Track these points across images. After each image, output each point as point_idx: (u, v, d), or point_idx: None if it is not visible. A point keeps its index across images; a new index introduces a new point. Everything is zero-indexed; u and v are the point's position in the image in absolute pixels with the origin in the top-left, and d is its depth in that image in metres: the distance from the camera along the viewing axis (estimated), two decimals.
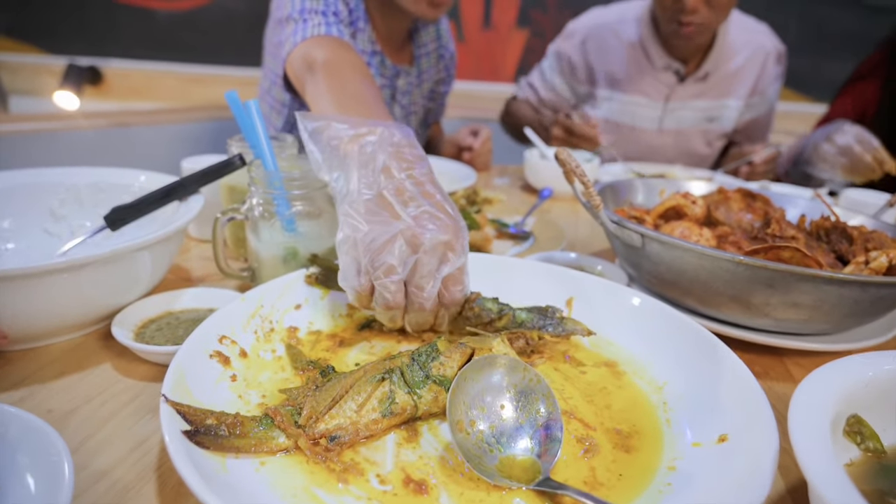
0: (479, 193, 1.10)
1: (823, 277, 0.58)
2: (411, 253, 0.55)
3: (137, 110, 2.23)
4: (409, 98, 1.52)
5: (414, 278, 0.56)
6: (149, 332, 0.61)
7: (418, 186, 0.58)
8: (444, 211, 0.57)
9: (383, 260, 0.55)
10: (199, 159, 0.92)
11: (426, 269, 0.55)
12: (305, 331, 0.62)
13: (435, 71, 1.56)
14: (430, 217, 0.56)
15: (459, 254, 0.56)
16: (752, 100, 1.67)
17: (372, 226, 0.55)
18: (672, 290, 0.70)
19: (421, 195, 0.57)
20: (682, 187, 0.93)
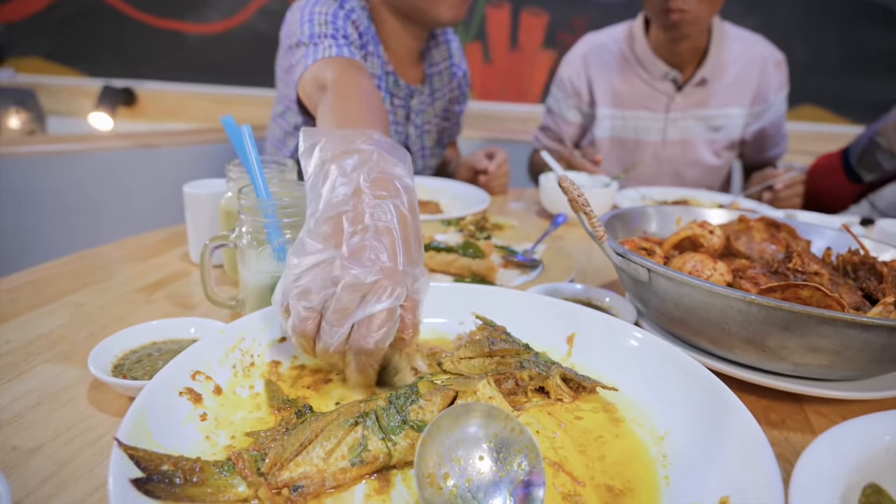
0: (488, 219, 1.07)
1: (845, 321, 0.53)
2: (332, 285, 0.50)
3: (166, 131, 2.27)
4: (423, 117, 1.51)
5: (326, 313, 0.51)
6: (127, 364, 0.59)
7: (379, 219, 0.52)
8: (390, 252, 0.51)
9: (300, 283, 0.51)
10: (200, 183, 0.90)
11: (338, 306, 0.50)
12: (288, 365, 0.59)
13: (448, 89, 1.56)
14: (368, 254, 0.51)
15: (381, 300, 0.50)
16: (755, 108, 1.65)
17: (311, 251, 0.51)
18: (681, 328, 0.65)
19: (376, 231, 0.52)
20: (699, 216, 0.89)
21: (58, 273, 0.86)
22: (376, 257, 0.51)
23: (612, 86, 1.68)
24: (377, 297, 0.50)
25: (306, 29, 1.15)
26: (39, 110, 2.84)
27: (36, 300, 0.77)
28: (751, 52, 1.64)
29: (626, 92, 1.66)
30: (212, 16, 3.00)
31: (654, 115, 1.66)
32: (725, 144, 1.68)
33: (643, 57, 1.62)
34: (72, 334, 0.69)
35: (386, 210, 0.53)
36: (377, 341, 0.50)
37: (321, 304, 0.51)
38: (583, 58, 1.73)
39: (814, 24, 2.60)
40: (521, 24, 2.79)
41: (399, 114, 1.44)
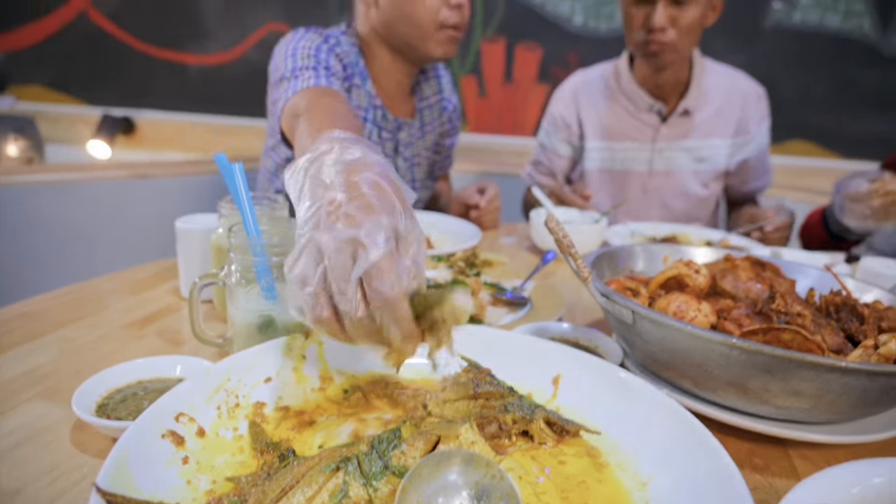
0: (478, 256, 1.08)
1: (825, 365, 0.54)
2: (321, 260, 0.49)
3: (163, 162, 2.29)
4: (413, 150, 1.53)
5: (329, 285, 0.49)
6: (112, 404, 0.59)
7: (348, 190, 0.50)
8: (364, 206, 0.48)
9: (295, 272, 0.50)
10: (192, 218, 0.91)
11: (336, 273, 0.48)
12: (273, 407, 0.60)
13: (438, 123, 1.59)
14: (342, 215, 0.48)
15: (372, 247, 0.47)
16: (738, 139, 1.71)
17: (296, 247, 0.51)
18: (666, 370, 0.65)
19: (348, 199, 0.49)
20: (685, 255, 0.90)
21: (50, 306, 0.86)
22: (349, 215, 0.48)
23: (600, 118, 1.73)
24: (365, 248, 0.47)
25: (289, 63, 1.19)
26: (38, 138, 2.87)
27: (26, 334, 0.77)
28: (732, 85, 1.71)
29: (613, 124, 1.72)
30: (211, 47, 3.05)
31: (640, 146, 1.71)
32: (711, 175, 1.73)
33: (628, 90, 1.69)
34: (59, 370, 0.69)
35: (361, 182, 0.51)
36: (391, 284, 0.48)
37: (321, 283, 0.49)
38: (572, 92, 1.79)
39: (800, 61, 2.66)
40: (515, 59, 2.85)
41: (387, 146, 1.46)
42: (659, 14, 1.45)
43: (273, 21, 2.96)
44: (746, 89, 1.72)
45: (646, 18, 1.49)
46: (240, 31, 3.01)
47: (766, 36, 2.67)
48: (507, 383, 0.61)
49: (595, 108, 1.74)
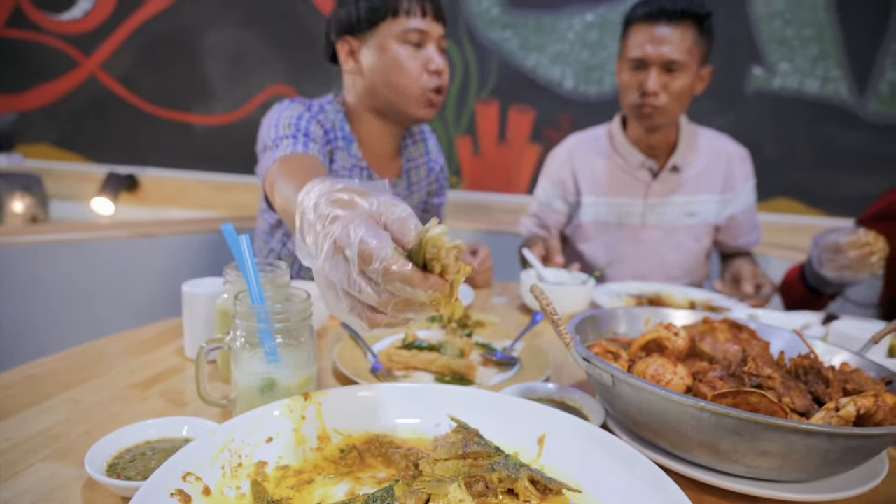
0: (471, 317, 1.12)
1: (788, 427, 0.58)
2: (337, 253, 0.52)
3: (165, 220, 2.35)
4: None
5: (351, 295, 0.53)
6: (122, 463, 0.63)
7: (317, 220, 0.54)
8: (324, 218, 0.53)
9: (329, 303, 0.54)
10: (198, 282, 0.96)
11: (343, 281, 0.52)
12: (274, 466, 0.63)
13: (426, 183, 1.67)
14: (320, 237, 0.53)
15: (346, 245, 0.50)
16: (725, 195, 1.82)
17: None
18: (644, 430, 0.69)
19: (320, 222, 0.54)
20: (665, 317, 0.94)
21: (56, 368, 0.90)
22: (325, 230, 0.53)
23: (595, 174, 1.85)
24: (345, 241, 0.50)
25: (272, 133, 1.27)
26: (43, 195, 2.94)
27: (34, 396, 0.81)
28: (717, 146, 1.84)
29: (607, 180, 1.83)
30: (217, 109, 3.17)
31: (633, 201, 1.81)
32: (702, 229, 1.83)
33: (622, 148, 1.81)
34: (68, 431, 0.72)
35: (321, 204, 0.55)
36: (378, 261, 0.49)
37: (347, 297, 0.53)
38: (568, 153, 1.91)
39: (782, 123, 2.78)
40: (508, 120, 2.96)
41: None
42: (652, 79, 1.59)
43: (276, 83, 3.09)
44: (731, 150, 1.84)
45: (640, 83, 1.63)
46: (244, 93, 3.14)
47: (749, 100, 2.79)
48: (493, 443, 0.65)
49: (590, 166, 1.86)
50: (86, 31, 3.18)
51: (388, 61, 1.36)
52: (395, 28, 1.35)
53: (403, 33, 1.34)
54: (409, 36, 1.35)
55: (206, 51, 3.13)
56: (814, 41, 2.69)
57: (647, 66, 1.60)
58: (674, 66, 1.59)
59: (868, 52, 2.66)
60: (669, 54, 1.57)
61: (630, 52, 1.63)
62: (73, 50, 3.22)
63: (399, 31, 1.34)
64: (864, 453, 0.62)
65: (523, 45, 2.88)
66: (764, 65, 2.75)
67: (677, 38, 1.58)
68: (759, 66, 2.75)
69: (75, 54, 3.22)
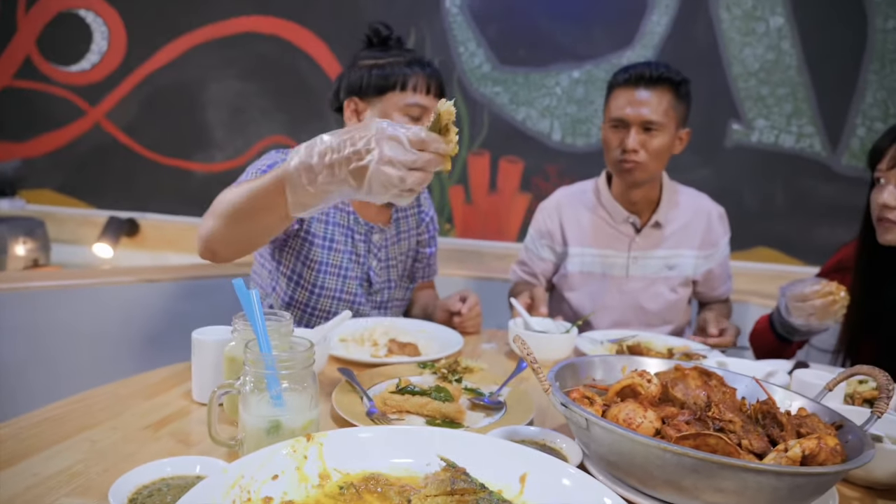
0: (460, 363, 1.19)
1: (739, 466, 0.65)
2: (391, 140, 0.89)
3: (167, 266, 2.43)
4: (387, 252, 1.71)
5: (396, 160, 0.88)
6: (140, 499, 0.69)
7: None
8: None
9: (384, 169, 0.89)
10: (207, 330, 1.03)
11: (395, 151, 0.88)
12: (279, 501, 0.69)
13: (416, 232, 1.79)
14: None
15: (400, 132, 0.89)
16: (704, 251, 1.93)
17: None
18: (616, 469, 0.76)
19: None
20: (640, 365, 1.02)
21: (73, 410, 0.96)
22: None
23: (582, 227, 1.95)
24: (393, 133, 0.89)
25: (243, 175, 1.42)
26: (46, 239, 3.01)
27: (56, 436, 0.87)
28: (697, 204, 1.95)
29: (593, 232, 1.94)
30: (217, 157, 3.28)
31: (618, 253, 1.92)
32: (680, 281, 1.93)
33: (607, 203, 1.92)
34: (88, 470, 0.78)
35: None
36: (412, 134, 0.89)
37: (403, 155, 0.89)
38: (556, 205, 2.02)
39: (762, 175, 2.91)
40: (499, 170, 3.08)
41: (360, 248, 1.64)
42: (632, 138, 1.72)
43: (275, 134, 3.21)
44: (710, 208, 1.96)
45: (621, 141, 1.75)
46: (243, 142, 3.25)
47: (729, 153, 2.93)
48: (479, 480, 0.71)
49: (577, 218, 1.96)
50: (93, 83, 3.31)
51: None
52: (400, 100, 1.48)
53: (406, 106, 1.48)
54: (411, 110, 1.48)
55: (208, 102, 3.26)
56: (788, 99, 2.85)
57: (628, 125, 1.73)
58: (652, 126, 1.71)
59: (839, 109, 2.81)
60: (648, 115, 1.70)
61: (612, 113, 1.77)
62: (79, 100, 3.34)
63: (402, 104, 1.48)
64: (811, 489, 0.69)
65: (513, 99, 3.02)
66: (742, 121, 2.90)
67: (655, 100, 1.71)
68: (737, 122, 2.90)
69: (81, 104, 3.34)
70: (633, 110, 1.72)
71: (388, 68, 1.49)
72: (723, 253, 1.95)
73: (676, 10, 2.87)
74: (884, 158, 1.38)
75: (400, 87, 1.47)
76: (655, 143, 1.73)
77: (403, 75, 1.47)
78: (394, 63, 1.50)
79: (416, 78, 1.48)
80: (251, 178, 1.37)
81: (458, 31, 3.02)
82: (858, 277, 1.52)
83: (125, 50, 3.27)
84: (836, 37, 2.78)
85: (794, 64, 2.82)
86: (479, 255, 3.08)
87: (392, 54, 1.52)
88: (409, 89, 1.48)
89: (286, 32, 3.13)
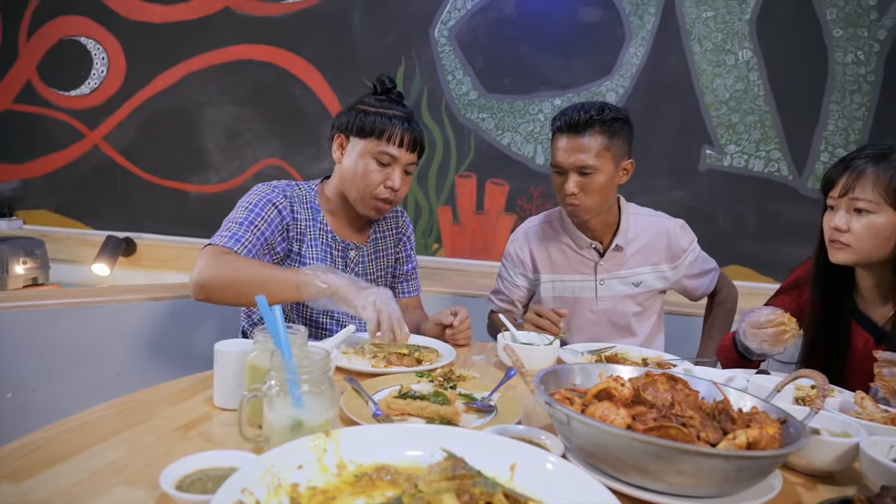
0: (454, 371, 1.32)
1: (694, 451, 0.78)
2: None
3: (166, 285, 2.52)
4: (364, 268, 1.90)
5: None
6: (184, 485, 0.80)
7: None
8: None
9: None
10: (228, 342, 1.15)
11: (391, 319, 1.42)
12: (305, 486, 0.81)
13: (394, 251, 1.98)
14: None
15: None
16: (670, 264, 2.06)
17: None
18: (592, 458, 0.89)
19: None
20: (614, 372, 1.15)
21: (107, 415, 1.07)
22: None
23: (550, 256, 2.08)
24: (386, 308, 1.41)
25: (233, 213, 1.65)
26: (45, 258, 3.09)
27: (95, 438, 0.97)
28: (655, 223, 2.07)
29: (560, 260, 2.07)
30: (213, 179, 3.39)
31: (585, 277, 2.05)
32: (648, 295, 2.07)
33: (570, 232, 2.04)
34: (132, 463, 0.89)
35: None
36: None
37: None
38: (525, 235, 2.15)
39: (734, 198, 3.07)
40: (485, 192, 3.22)
41: (338, 262, 1.83)
42: (570, 184, 1.84)
43: (270, 157, 3.33)
44: (668, 225, 2.07)
45: (563, 184, 1.86)
46: (238, 165, 3.37)
47: (703, 177, 3.09)
48: (476, 468, 0.83)
49: (545, 248, 2.09)
50: (92, 107, 3.42)
51: (359, 166, 1.70)
52: (375, 147, 1.68)
53: (379, 153, 1.68)
54: (382, 157, 1.69)
55: (204, 126, 3.38)
56: (756, 126, 3.03)
57: (566, 171, 1.84)
58: (587, 171, 1.82)
59: (804, 136, 3.00)
60: (582, 161, 1.80)
61: (553, 158, 1.89)
62: (78, 123, 3.44)
63: (376, 150, 1.68)
64: (755, 471, 0.82)
65: (498, 125, 3.18)
66: (715, 146, 3.07)
67: (587, 145, 1.80)
68: (710, 148, 3.07)
69: (80, 127, 3.44)
70: (567, 157, 1.82)
71: (374, 116, 1.69)
72: (691, 258, 2.06)
73: (652, 43, 3.05)
74: (836, 187, 1.52)
75: (378, 134, 1.68)
76: (594, 185, 1.83)
77: (384, 126, 1.68)
78: (382, 113, 1.70)
79: (395, 131, 1.68)
80: (240, 213, 1.63)
81: (446, 61, 3.17)
82: (815, 293, 1.67)
83: (124, 76, 3.39)
84: (800, 69, 2.97)
85: (761, 94, 3.00)
86: (466, 273, 3.21)
87: (385, 105, 1.73)
88: (384, 138, 1.68)
89: (281, 60, 3.27)
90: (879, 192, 1.44)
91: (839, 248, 1.53)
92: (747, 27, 2.99)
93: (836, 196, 1.52)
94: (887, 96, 2.92)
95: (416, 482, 0.83)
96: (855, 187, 1.47)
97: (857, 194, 1.47)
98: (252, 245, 1.61)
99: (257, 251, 1.62)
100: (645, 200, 3.01)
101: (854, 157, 1.51)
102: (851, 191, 1.47)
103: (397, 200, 1.76)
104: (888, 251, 1.49)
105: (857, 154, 1.52)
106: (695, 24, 3.02)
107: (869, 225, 1.47)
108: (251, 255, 1.60)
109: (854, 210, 1.49)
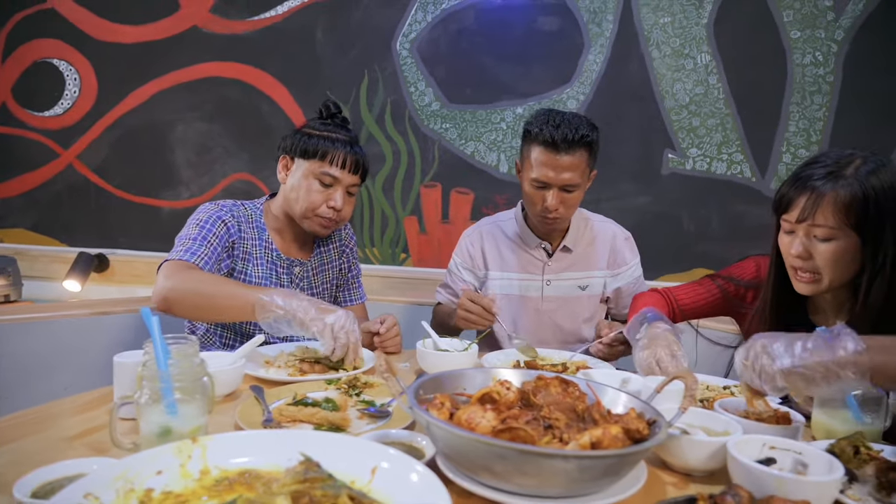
0: (360, 379, 1.34)
1: (533, 452, 0.80)
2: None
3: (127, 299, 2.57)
4: (309, 283, 1.96)
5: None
6: (42, 492, 0.83)
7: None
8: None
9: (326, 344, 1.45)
10: (129, 353, 1.18)
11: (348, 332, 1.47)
12: (160, 491, 0.83)
13: (337, 263, 2.04)
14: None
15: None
16: (612, 271, 2.11)
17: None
18: (451, 460, 0.91)
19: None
20: (502, 376, 1.16)
21: (5, 427, 1.10)
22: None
23: (501, 254, 2.13)
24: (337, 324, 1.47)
25: (184, 230, 1.72)
26: (18, 276, 3.14)
27: None
28: (604, 228, 2.14)
29: (510, 258, 2.11)
30: (184, 194, 3.44)
31: (533, 276, 2.09)
32: (592, 300, 2.10)
33: (522, 232, 2.10)
34: (7, 472, 0.92)
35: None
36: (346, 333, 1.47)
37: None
38: (478, 233, 2.19)
39: (697, 201, 3.08)
40: (450, 201, 3.25)
41: (283, 279, 1.88)
42: (553, 199, 1.86)
43: (239, 172, 3.38)
44: (616, 231, 2.14)
45: (542, 199, 1.88)
46: (209, 180, 3.42)
47: (666, 181, 3.10)
48: (328, 472, 0.85)
49: (496, 246, 2.14)
50: (66, 126, 3.48)
51: (302, 187, 1.77)
52: (318, 168, 1.76)
53: (321, 174, 1.76)
54: (324, 178, 1.76)
55: (175, 142, 3.43)
56: (718, 129, 3.04)
57: (549, 186, 1.85)
58: (570, 188, 1.86)
59: (765, 138, 3.01)
60: (569, 179, 1.83)
61: (534, 172, 1.85)
62: (52, 143, 3.50)
63: (319, 171, 1.76)
64: (600, 470, 0.84)
65: (461, 134, 3.21)
66: (677, 150, 3.08)
67: (575, 163, 1.82)
68: (672, 152, 3.08)
69: (55, 147, 3.50)
70: (555, 175, 1.82)
71: (318, 139, 1.77)
72: (632, 274, 2.12)
73: (611, 50, 3.08)
74: (792, 209, 1.42)
75: (321, 156, 1.75)
76: (574, 199, 1.91)
77: (327, 148, 1.75)
78: (326, 137, 1.78)
79: (338, 153, 1.76)
80: (192, 229, 1.70)
81: (408, 73, 3.21)
82: (768, 308, 1.61)
83: (96, 96, 3.45)
84: (759, 71, 2.98)
85: (721, 97, 3.02)
86: (433, 282, 3.21)
87: (329, 129, 1.80)
88: (326, 160, 1.76)
89: (248, 77, 3.32)
90: (839, 216, 1.35)
91: (806, 281, 1.44)
92: (705, 31, 3.01)
93: (793, 221, 1.42)
94: (847, 96, 2.93)
95: (272, 485, 0.85)
96: (815, 213, 1.37)
97: (818, 221, 1.37)
98: (208, 258, 1.68)
99: (212, 265, 1.69)
100: (609, 206, 3.05)
101: (809, 176, 1.40)
102: (811, 217, 1.37)
103: (341, 220, 1.84)
104: (851, 273, 1.41)
105: (811, 171, 1.40)
106: (653, 30, 3.05)
107: (833, 251, 1.38)
108: (208, 268, 1.67)
109: (814, 236, 1.40)
